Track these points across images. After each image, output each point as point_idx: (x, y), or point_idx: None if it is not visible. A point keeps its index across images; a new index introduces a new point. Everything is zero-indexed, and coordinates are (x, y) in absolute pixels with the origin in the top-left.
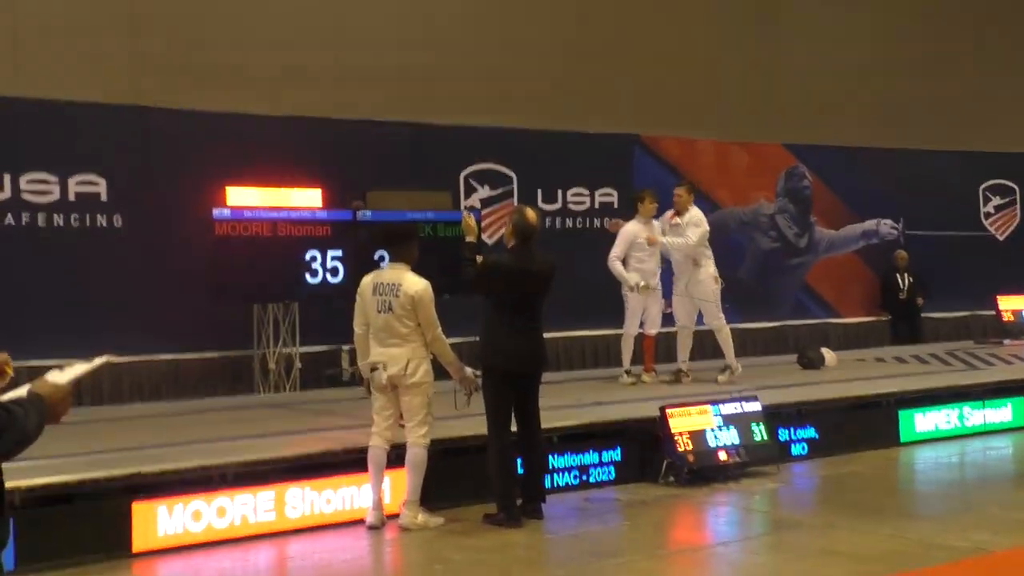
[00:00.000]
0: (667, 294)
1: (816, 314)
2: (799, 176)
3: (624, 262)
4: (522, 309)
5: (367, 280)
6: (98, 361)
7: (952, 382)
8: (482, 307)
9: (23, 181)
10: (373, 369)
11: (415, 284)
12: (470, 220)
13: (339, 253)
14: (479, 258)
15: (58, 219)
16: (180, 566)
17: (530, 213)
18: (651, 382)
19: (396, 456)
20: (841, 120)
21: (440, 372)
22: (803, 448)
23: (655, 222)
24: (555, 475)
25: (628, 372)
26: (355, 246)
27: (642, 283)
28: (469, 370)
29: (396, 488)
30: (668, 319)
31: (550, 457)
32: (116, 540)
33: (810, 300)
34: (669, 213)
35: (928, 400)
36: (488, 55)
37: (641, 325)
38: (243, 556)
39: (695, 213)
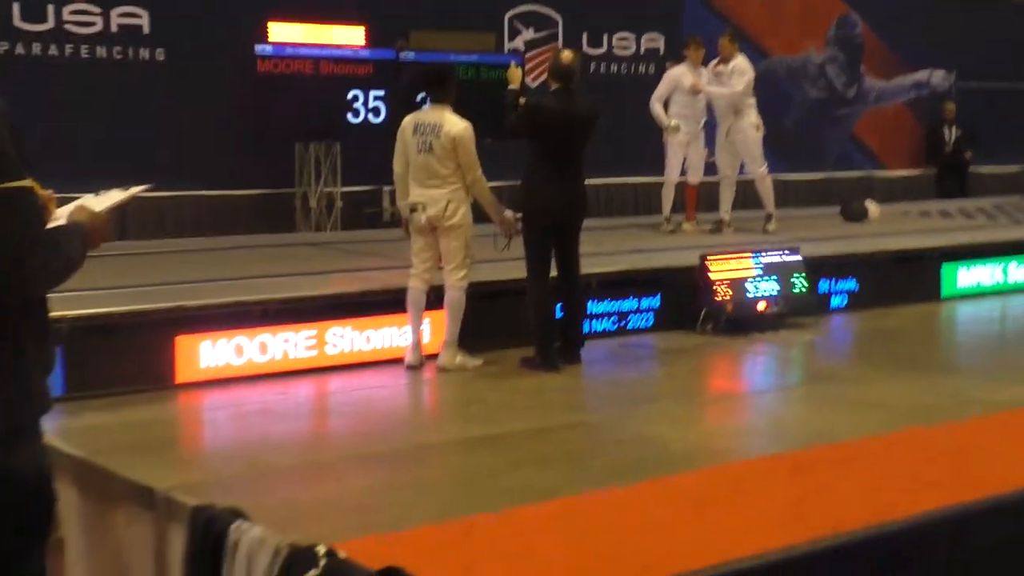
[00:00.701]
0: (710, 143)
1: (862, 166)
2: (850, 25)
3: (667, 106)
4: (563, 154)
5: (408, 120)
6: (134, 189)
7: (997, 237)
8: (524, 152)
9: (66, 12)
10: (412, 210)
11: (456, 125)
12: (516, 70)
13: (381, 93)
14: (522, 100)
15: (100, 51)
16: (223, 397)
17: (566, 54)
18: (691, 231)
19: (435, 297)
20: None
21: (480, 215)
22: (843, 300)
23: (702, 69)
24: (593, 321)
25: (668, 220)
26: (397, 86)
27: (675, 123)
28: (509, 213)
29: (435, 329)
30: (711, 169)
31: (589, 303)
32: (160, 371)
33: (856, 151)
34: (714, 62)
35: (971, 254)
36: None
37: (683, 173)
38: (284, 389)
39: (740, 61)
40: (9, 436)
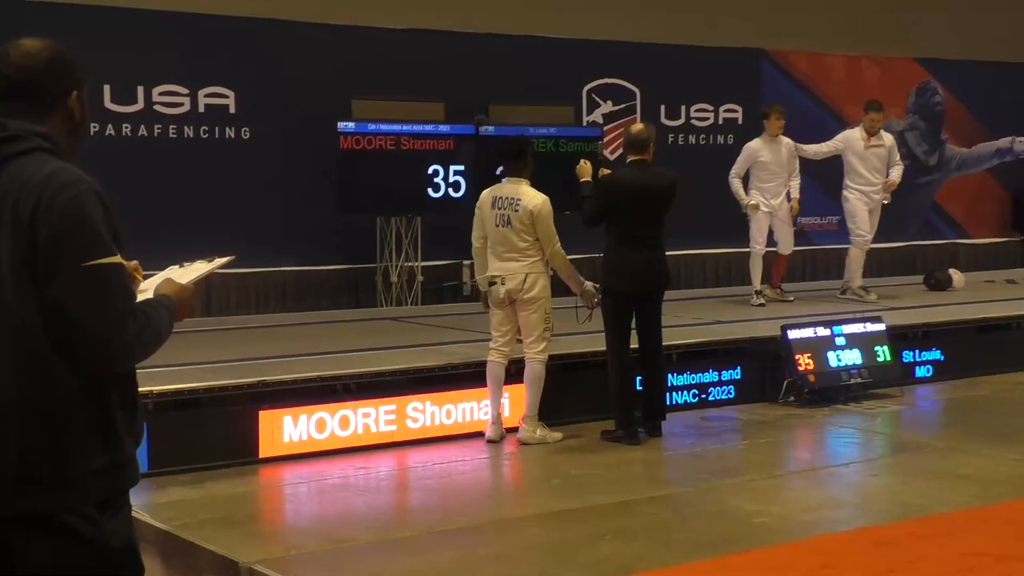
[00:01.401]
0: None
1: (945, 234)
2: (931, 92)
3: (747, 181)
4: (642, 225)
5: (486, 194)
6: (219, 261)
7: None
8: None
9: (155, 93)
10: (491, 283)
11: (534, 198)
12: (585, 164)
13: (461, 167)
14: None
15: (188, 131)
16: (305, 471)
17: (637, 125)
18: (773, 297)
19: (515, 371)
20: (975, 34)
21: (559, 287)
22: (928, 370)
23: (784, 139)
24: (673, 393)
25: (758, 293)
26: (477, 160)
27: (753, 202)
28: (589, 284)
29: (514, 403)
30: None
31: (669, 375)
32: (243, 446)
33: (939, 220)
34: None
35: None
36: None
37: (774, 245)
38: (365, 464)
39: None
40: (100, 506)
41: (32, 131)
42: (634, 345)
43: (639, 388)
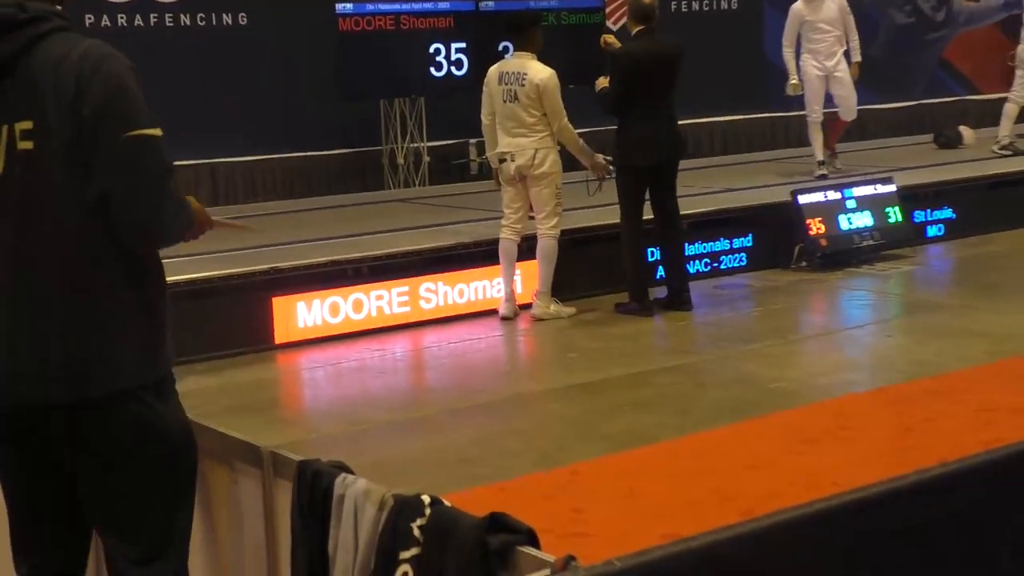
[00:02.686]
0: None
1: (954, 91)
2: None
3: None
4: (654, 95)
5: (493, 70)
6: (241, 223)
7: None
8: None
9: None
10: (501, 160)
11: (540, 72)
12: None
13: (463, 45)
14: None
15: (184, 19)
16: (321, 356)
17: None
18: (829, 171)
19: (528, 248)
20: None
21: (570, 162)
22: (939, 229)
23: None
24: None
25: (821, 163)
26: (478, 37)
27: (793, 81)
28: (600, 156)
29: (527, 280)
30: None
31: None
32: (259, 333)
33: (948, 76)
34: None
35: None
36: None
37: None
38: (380, 346)
39: None
40: (156, 387)
41: (51, 11)
42: (647, 216)
43: (652, 260)
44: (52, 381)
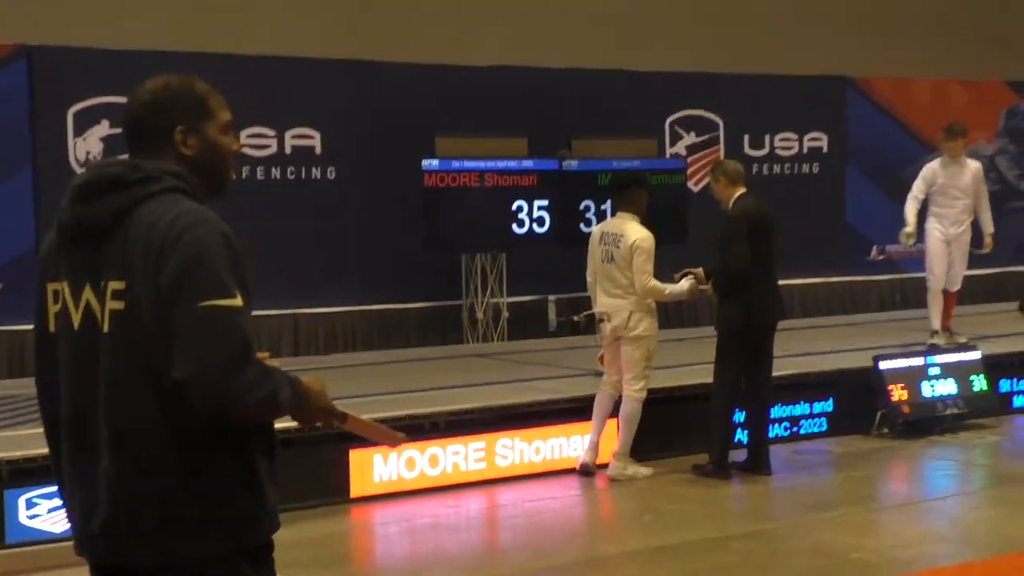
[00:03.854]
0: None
1: None
2: (1021, 114)
3: (926, 205)
4: (769, 257)
5: (597, 229)
6: (396, 435)
7: None
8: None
9: (243, 136)
10: (599, 320)
11: (636, 233)
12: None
13: (545, 203)
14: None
15: (275, 172)
16: (395, 511)
17: (729, 160)
18: (942, 343)
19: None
20: None
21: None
22: None
23: (969, 162)
24: None
25: (935, 333)
26: (561, 195)
27: (909, 230)
28: (684, 282)
29: (608, 438)
30: None
31: None
32: (335, 485)
33: None
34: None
35: None
36: None
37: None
38: (455, 503)
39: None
40: (254, 555)
41: (167, 171)
42: None
43: (743, 423)
44: (144, 538)
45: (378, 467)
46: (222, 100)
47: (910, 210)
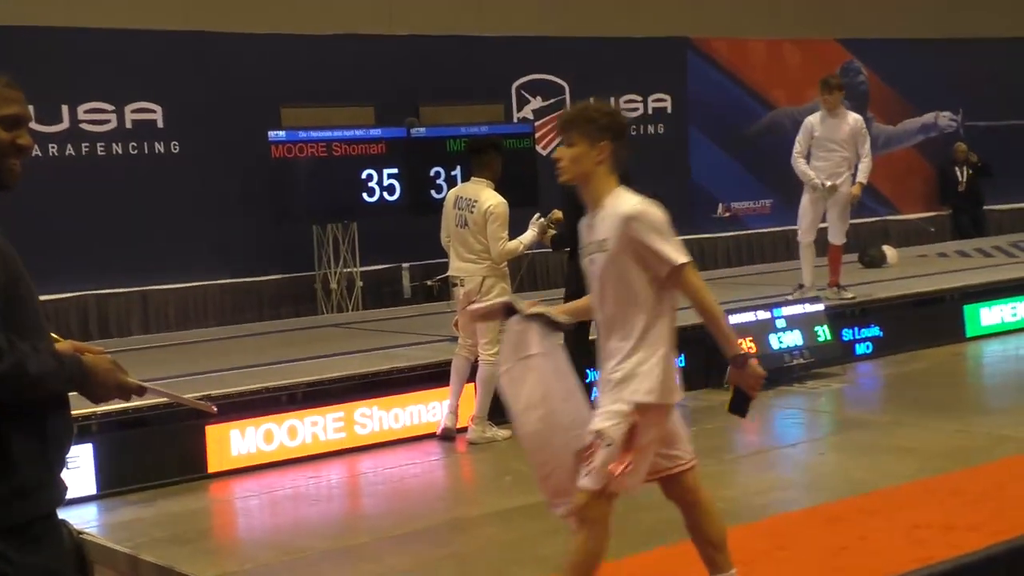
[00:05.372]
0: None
1: (876, 211)
2: (854, 72)
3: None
4: None
5: (451, 193)
6: (200, 403)
7: (1017, 274)
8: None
9: (80, 111)
10: (452, 284)
11: (490, 199)
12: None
13: (394, 171)
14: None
15: (116, 147)
16: (255, 485)
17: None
18: (832, 298)
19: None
20: (896, 12)
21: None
22: (868, 347)
23: (848, 115)
24: None
25: (800, 287)
26: (410, 163)
27: (827, 183)
28: (530, 231)
29: (464, 404)
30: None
31: None
32: (192, 462)
33: (869, 197)
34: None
35: (993, 293)
36: None
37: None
38: (315, 473)
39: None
40: (9, 537)
41: None
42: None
43: (588, 382)
44: None
45: (236, 441)
46: (12, 96)
47: (800, 167)
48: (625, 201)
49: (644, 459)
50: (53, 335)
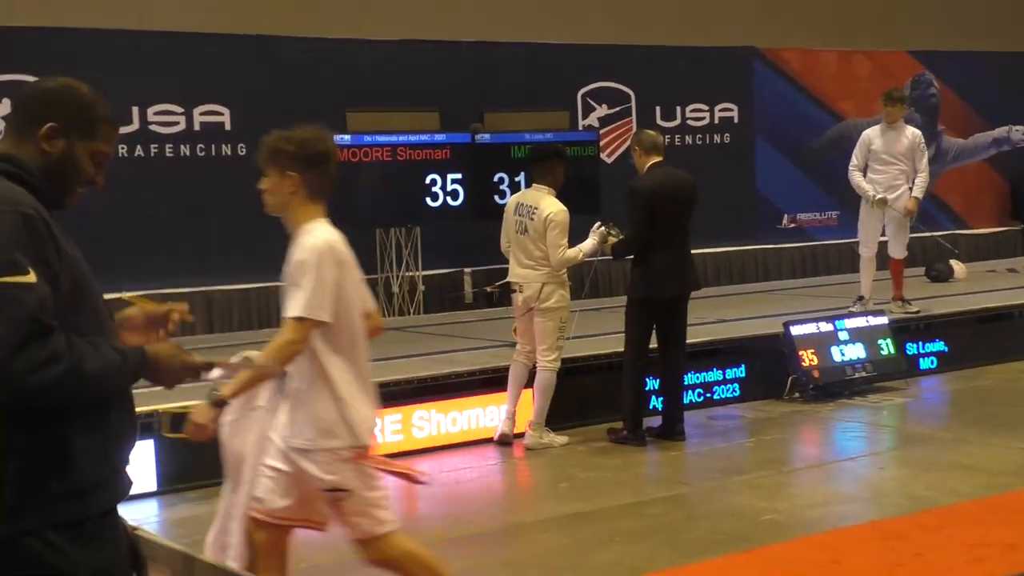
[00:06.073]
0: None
1: (945, 225)
2: (925, 84)
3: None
4: (672, 230)
5: (512, 199)
6: (263, 364)
7: None
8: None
9: (150, 113)
10: (512, 291)
11: (550, 207)
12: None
13: (458, 176)
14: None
15: (184, 149)
16: None
17: (649, 131)
18: (899, 312)
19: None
20: (969, 24)
21: (576, 293)
22: (932, 362)
23: (907, 128)
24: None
25: (860, 299)
26: (474, 168)
27: (880, 196)
28: (591, 240)
29: (522, 408)
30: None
31: None
32: None
33: (938, 211)
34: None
35: None
36: None
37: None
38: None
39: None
40: (68, 533)
41: (2, 155)
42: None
43: (659, 391)
44: None
45: None
46: (114, 134)
47: (856, 180)
48: (308, 237)
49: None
50: (136, 297)
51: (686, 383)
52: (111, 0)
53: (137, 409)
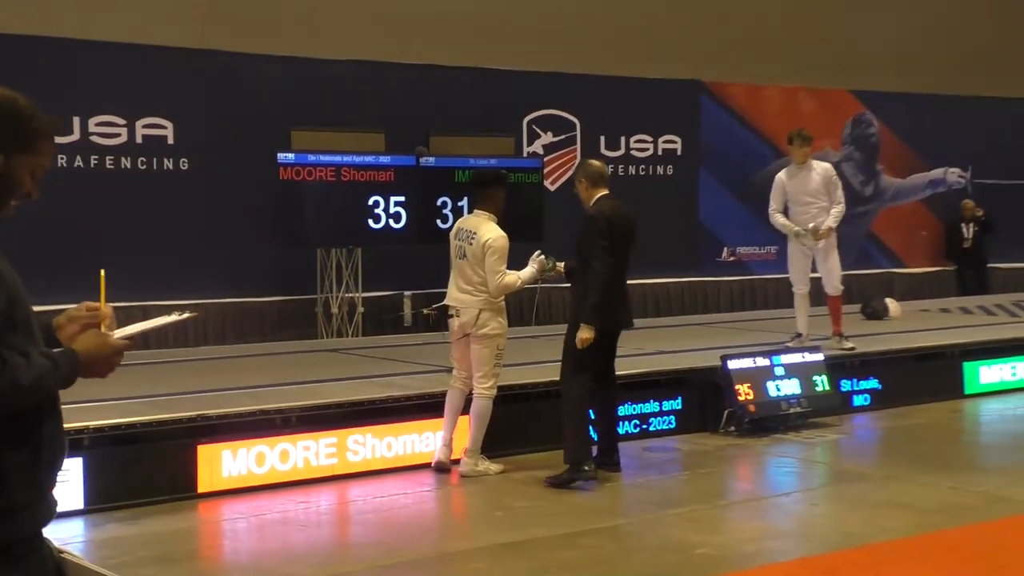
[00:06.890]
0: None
1: (881, 263)
2: (866, 123)
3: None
4: (621, 261)
5: (458, 223)
6: (175, 316)
7: (1018, 334)
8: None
9: (92, 123)
10: (448, 316)
11: (489, 233)
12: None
13: (402, 198)
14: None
15: (125, 161)
16: (244, 507)
17: (594, 160)
18: (835, 348)
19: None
20: (911, 67)
21: (513, 320)
22: (866, 399)
23: (816, 165)
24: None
25: (799, 335)
26: (417, 191)
27: (809, 226)
28: (531, 267)
29: (461, 434)
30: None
31: None
32: (182, 481)
33: (875, 249)
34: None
35: (993, 352)
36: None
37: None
38: (305, 498)
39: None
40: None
41: None
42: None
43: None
44: None
45: (227, 462)
46: (52, 148)
47: (779, 221)
48: None
49: None
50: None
51: (623, 413)
52: (54, 8)
53: (66, 425)
